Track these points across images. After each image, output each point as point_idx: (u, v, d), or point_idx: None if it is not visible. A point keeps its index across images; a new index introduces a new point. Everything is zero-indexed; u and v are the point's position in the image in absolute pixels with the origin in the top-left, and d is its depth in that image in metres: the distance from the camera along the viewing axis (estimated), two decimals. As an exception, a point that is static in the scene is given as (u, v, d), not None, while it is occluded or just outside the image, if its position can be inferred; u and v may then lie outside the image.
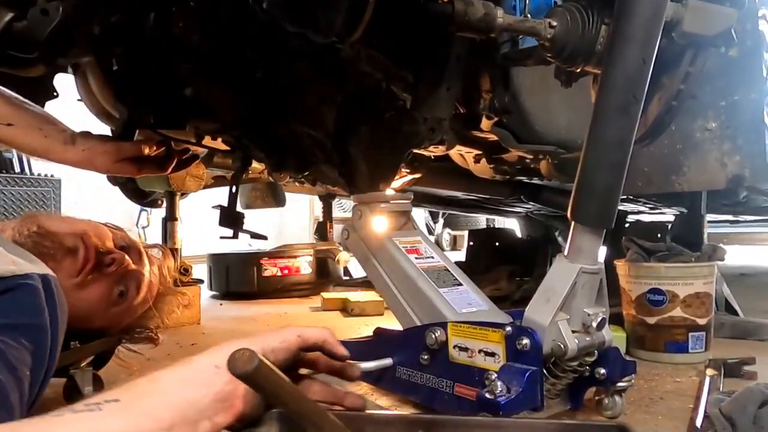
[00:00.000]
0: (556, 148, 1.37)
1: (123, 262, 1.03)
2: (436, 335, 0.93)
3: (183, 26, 1.17)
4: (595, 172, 0.84)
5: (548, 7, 1.04)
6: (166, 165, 1.37)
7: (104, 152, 1.26)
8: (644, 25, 0.83)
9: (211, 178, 2.43)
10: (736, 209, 2.27)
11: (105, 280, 1.01)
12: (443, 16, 0.90)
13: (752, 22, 1.25)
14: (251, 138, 1.40)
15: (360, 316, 2.26)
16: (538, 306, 0.86)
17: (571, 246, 0.86)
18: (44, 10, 1.01)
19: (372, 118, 1.17)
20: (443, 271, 1.05)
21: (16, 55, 1.05)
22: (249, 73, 1.26)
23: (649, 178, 1.40)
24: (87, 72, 1.41)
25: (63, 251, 0.96)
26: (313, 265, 2.99)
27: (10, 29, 1.00)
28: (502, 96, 1.26)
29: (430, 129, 1.18)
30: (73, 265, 0.96)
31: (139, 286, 1.07)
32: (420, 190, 2.25)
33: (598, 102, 0.84)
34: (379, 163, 1.19)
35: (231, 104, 1.33)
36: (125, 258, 1.04)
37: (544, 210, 2.62)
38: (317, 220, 3.69)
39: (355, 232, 1.13)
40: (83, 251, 0.98)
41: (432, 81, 1.18)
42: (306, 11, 0.99)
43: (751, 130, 1.28)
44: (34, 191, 3.44)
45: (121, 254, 1.03)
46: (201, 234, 3.16)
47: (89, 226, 1.04)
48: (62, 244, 0.97)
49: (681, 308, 1.43)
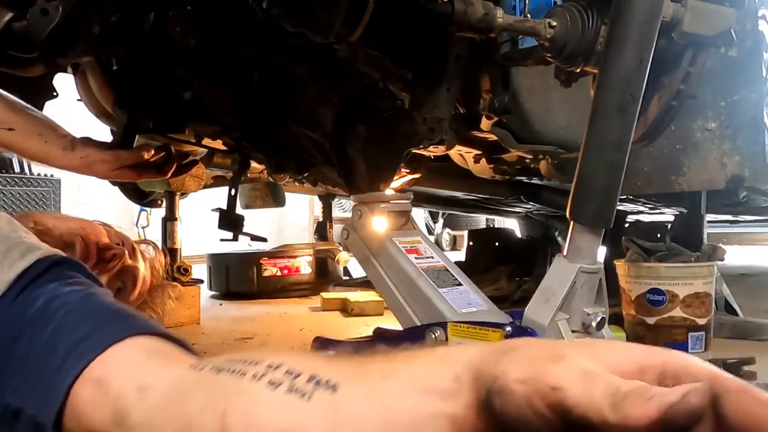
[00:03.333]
0: (556, 148, 1.37)
1: (123, 257, 1.04)
2: (436, 335, 0.93)
3: (180, 30, 1.18)
4: (594, 172, 0.84)
5: (548, 7, 1.04)
6: (166, 169, 1.38)
7: (102, 161, 1.28)
8: (641, 24, 0.83)
9: (210, 178, 2.43)
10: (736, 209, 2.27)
11: (104, 276, 1.01)
12: (443, 16, 0.90)
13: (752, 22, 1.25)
14: (251, 140, 1.40)
15: (360, 316, 2.26)
16: (537, 306, 0.86)
17: (570, 245, 0.86)
18: (44, 10, 1.01)
19: (370, 118, 1.17)
20: (443, 271, 1.05)
21: (15, 55, 1.05)
22: (247, 75, 1.26)
23: (649, 178, 1.40)
24: (87, 72, 1.42)
25: (61, 247, 0.96)
26: (313, 265, 2.99)
27: (9, 29, 1.01)
28: (501, 96, 1.26)
29: (430, 129, 1.18)
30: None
31: (135, 281, 1.07)
32: (420, 190, 2.25)
33: (596, 102, 0.85)
34: (378, 163, 1.19)
35: (230, 107, 1.33)
36: (125, 253, 1.05)
37: (544, 210, 2.62)
38: (317, 220, 3.69)
39: (355, 232, 1.13)
40: (80, 247, 0.98)
41: (431, 81, 1.18)
42: (305, 11, 0.99)
43: (751, 131, 1.28)
44: (34, 191, 3.44)
45: (121, 249, 1.04)
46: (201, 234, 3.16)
47: (84, 223, 1.05)
48: (60, 240, 0.97)
49: (681, 308, 1.43)
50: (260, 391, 0.41)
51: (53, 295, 0.57)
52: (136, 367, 0.48)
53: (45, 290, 0.58)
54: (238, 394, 0.42)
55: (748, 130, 1.28)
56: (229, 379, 0.43)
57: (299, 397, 0.40)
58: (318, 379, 0.40)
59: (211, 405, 0.42)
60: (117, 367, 0.48)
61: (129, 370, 0.48)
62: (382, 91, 1.21)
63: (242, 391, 0.42)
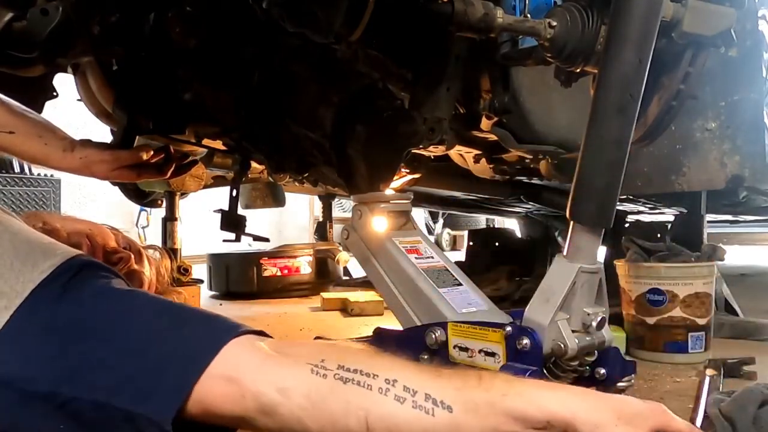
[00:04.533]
0: (556, 148, 1.37)
1: (129, 261, 1.04)
2: (436, 335, 0.93)
3: (180, 31, 1.18)
4: (594, 172, 0.84)
5: (548, 7, 1.04)
6: (166, 170, 1.38)
7: (102, 161, 1.28)
8: (640, 24, 0.83)
9: (211, 178, 2.43)
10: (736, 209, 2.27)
11: None
12: (443, 16, 0.90)
13: (752, 22, 1.25)
14: (251, 140, 1.40)
15: (360, 316, 2.26)
16: (537, 306, 0.86)
17: (570, 245, 0.86)
18: (44, 10, 1.01)
19: (370, 118, 1.17)
20: (443, 271, 1.05)
21: (15, 55, 1.05)
22: (247, 75, 1.26)
23: (649, 178, 1.40)
24: (87, 72, 1.42)
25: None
26: (313, 265, 2.99)
27: (9, 29, 1.00)
28: (501, 96, 1.25)
29: (430, 129, 1.18)
30: None
31: (141, 285, 1.08)
32: (420, 190, 2.25)
33: (595, 102, 0.84)
34: (377, 163, 1.19)
35: (230, 107, 1.33)
36: (131, 257, 1.05)
37: (544, 210, 2.62)
38: (317, 220, 3.69)
39: (355, 232, 1.13)
40: (87, 249, 0.98)
41: (432, 81, 1.18)
42: (305, 11, 0.99)
43: (751, 130, 1.28)
44: (34, 191, 3.44)
45: (127, 253, 1.05)
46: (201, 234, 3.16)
47: (92, 225, 1.06)
48: (68, 241, 0.97)
49: (681, 308, 1.43)
50: (391, 403, 0.54)
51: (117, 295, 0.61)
52: (263, 367, 0.56)
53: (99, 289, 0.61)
54: (374, 404, 0.54)
55: (748, 130, 1.28)
56: (360, 391, 0.55)
57: (424, 413, 0.54)
58: (433, 398, 0.54)
59: (352, 411, 0.54)
60: (244, 365, 0.56)
61: (258, 369, 0.56)
62: (382, 91, 1.21)
63: (376, 403, 0.54)
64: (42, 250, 0.62)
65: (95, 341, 0.56)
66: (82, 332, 0.57)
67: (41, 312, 0.57)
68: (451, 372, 0.59)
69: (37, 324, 0.57)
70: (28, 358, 0.56)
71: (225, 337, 0.57)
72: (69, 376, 0.55)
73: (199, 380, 0.54)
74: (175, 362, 0.55)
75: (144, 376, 0.54)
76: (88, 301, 0.59)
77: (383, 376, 0.55)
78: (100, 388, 0.54)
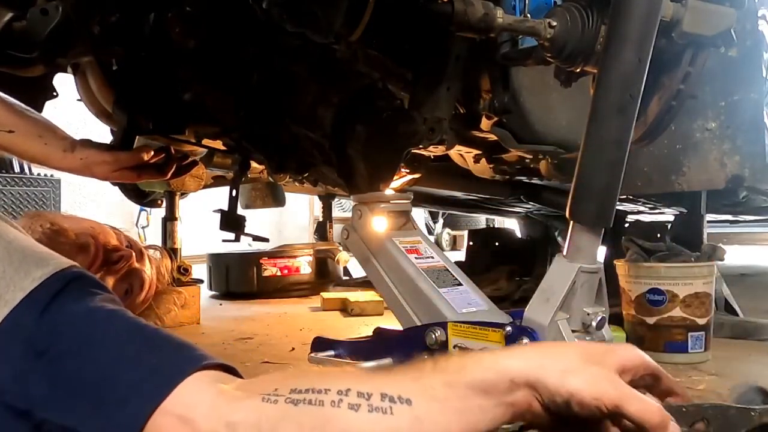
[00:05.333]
0: (556, 148, 1.37)
1: (131, 259, 1.04)
2: (436, 335, 0.93)
3: (180, 31, 1.18)
4: (593, 172, 0.84)
5: (548, 7, 1.04)
6: (166, 170, 1.38)
7: (102, 162, 1.28)
8: (640, 24, 0.83)
9: (210, 178, 2.43)
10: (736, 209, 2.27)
11: (112, 277, 1.02)
12: (443, 16, 0.90)
13: (752, 22, 1.25)
14: (251, 140, 1.40)
15: (360, 316, 2.26)
16: (537, 306, 0.86)
17: (570, 245, 0.86)
18: (44, 10, 1.01)
19: (370, 118, 1.17)
20: (443, 271, 1.05)
21: (15, 55, 1.05)
22: (247, 75, 1.26)
23: (649, 178, 1.40)
24: (87, 72, 1.42)
25: (76, 248, 0.97)
26: (313, 265, 2.99)
27: (9, 29, 1.00)
28: (501, 96, 1.25)
29: (430, 129, 1.18)
30: (86, 261, 0.97)
31: (142, 284, 1.08)
32: (420, 190, 2.25)
33: (594, 101, 0.85)
34: (377, 163, 1.19)
35: (230, 107, 1.33)
36: (132, 255, 1.05)
37: (544, 210, 2.62)
38: (317, 220, 3.69)
39: (355, 232, 1.13)
40: (94, 248, 0.99)
41: (431, 81, 1.18)
42: (305, 11, 0.99)
43: (751, 130, 1.28)
44: (34, 191, 3.44)
45: (128, 251, 1.05)
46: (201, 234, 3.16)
47: (93, 224, 1.06)
48: (75, 241, 0.98)
49: (680, 308, 1.43)
50: (345, 415, 0.50)
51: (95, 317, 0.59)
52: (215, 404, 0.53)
53: (80, 308, 0.59)
54: (327, 420, 0.50)
55: (748, 130, 1.28)
56: (312, 410, 0.50)
57: (382, 414, 0.49)
58: (390, 396, 0.50)
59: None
60: (197, 404, 0.53)
61: (210, 407, 0.52)
62: (382, 91, 1.21)
63: (330, 418, 0.50)
64: (35, 260, 0.62)
65: (70, 363, 0.56)
66: (57, 354, 0.56)
67: (25, 323, 0.57)
68: (406, 366, 0.56)
69: (20, 336, 0.57)
70: (13, 370, 0.55)
71: (186, 370, 0.55)
72: (44, 397, 0.55)
73: (152, 416, 0.52)
74: (136, 394, 0.53)
75: (107, 406, 0.54)
76: (66, 322, 0.58)
77: (335, 388, 0.51)
78: (70, 414, 0.54)
